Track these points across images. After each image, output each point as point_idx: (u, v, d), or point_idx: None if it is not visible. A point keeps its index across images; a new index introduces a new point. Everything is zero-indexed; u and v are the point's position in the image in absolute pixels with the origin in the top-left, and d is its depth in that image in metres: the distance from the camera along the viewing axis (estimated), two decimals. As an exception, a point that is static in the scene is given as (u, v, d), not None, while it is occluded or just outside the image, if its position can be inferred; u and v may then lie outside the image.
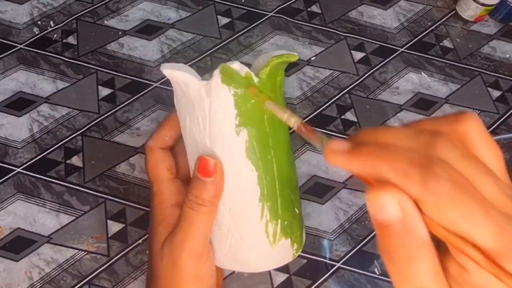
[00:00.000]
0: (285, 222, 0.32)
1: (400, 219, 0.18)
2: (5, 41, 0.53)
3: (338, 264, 0.45)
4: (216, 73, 0.28)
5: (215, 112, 0.29)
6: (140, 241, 0.45)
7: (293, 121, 0.25)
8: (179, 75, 0.29)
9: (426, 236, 0.18)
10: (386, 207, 0.18)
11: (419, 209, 0.18)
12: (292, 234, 0.33)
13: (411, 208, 0.18)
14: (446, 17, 0.59)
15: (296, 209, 0.33)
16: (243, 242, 0.31)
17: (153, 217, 0.33)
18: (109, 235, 0.45)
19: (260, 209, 0.30)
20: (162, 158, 0.34)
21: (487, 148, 0.20)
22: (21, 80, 0.51)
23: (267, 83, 0.29)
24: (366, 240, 0.46)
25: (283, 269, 0.44)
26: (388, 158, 0.19)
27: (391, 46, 0.57)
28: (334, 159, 0.20)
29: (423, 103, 0.53)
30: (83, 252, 0.44)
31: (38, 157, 0.48)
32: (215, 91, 0.28)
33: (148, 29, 0.55)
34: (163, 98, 0.52)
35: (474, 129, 0.20)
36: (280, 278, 0.44)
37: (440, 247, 0.19)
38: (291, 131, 0.31)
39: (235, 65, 0.28)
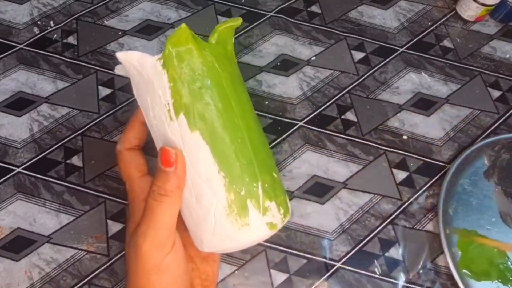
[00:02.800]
0: (266, 185, 0.32)
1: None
2: (5, 41, 0.53)
3: (338, 264, 0.45)
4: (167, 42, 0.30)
5: None
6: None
7: None
8: (133, 54, 0.30)
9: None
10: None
11: None
12: (275, 197, 0.32)
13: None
14: (446, 17, 0.59)
15: (274, 173, 0.33)
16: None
17: (129, 213, 0.35)
18: (109, 235, 0.45)
19: None
20: (130, 159, 0.36)
21: None
22: (21, 80, 0.51)
23: (219, 49, 0.31)
24: (366, 240, 0.46)
25: (283, 269, 0.44)
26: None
27: (391, 46, 0.57)
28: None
29: (423, 103, 0.53)
30: (83, 252, 0.44)
31: (38, 157, 0.48)
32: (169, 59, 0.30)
33: (148, 29, 0.55)
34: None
35: None
36: (280, 278, 0.44)
37: None
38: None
39: (182, 26, 0.30)
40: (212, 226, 0.31)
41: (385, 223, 0.47)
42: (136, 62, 0.30)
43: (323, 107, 0.52)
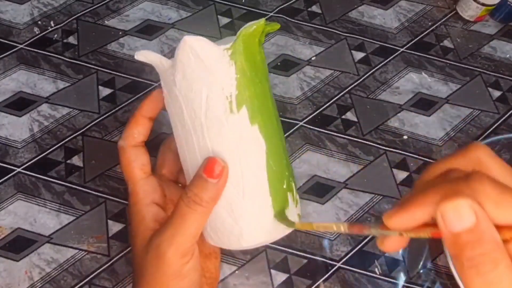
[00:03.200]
0: (291, 178, 0.34)
1: (475, 224, 0.19)
2: (5, 41, 0.53)
3: (338, 264, 0.45)
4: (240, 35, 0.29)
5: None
6: (140, 241, 0.45)
7: (342, 228, 0.27)
8: (201, 40, 0.29)
9: (500, 239, 0.19)
10: (462, 213, 0.19)
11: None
12: (296, 189, 0.34)
13: (484, 213, 0.19)
14: (446, 17, 0.59)
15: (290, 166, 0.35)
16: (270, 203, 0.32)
17: (132, 216, 0.34)
18: (110, 235, 0.45)
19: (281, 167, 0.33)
20: (134, 157, 0.34)
21: (500, 167, 0.23)
22: (22, 80, 0.51)
23: (247, 59, 0.30)
24: (366, 240, 0.46)
25: (283, 269, 0.44)
26: (429, 201, 0.21)
27: (391, 46, 0.57)
28: (395, 223, 0.22)
29: (424, 103, 0.53)
30: (83, 252, 0.44)
31: (39, 157, 0.48)
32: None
33: (149, 29, 0.55)
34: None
35: (485, 154, 0.23)
36: (280, 278, 0.44)
37: None
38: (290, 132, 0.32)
39: (261, 21, 0.30)
40: (257, 219, 0.31)
41: (385, 223, 0.47)
42: (200, 49, 0.29)
43: (324, 107, 0.52)
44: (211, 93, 0.29)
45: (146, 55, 0.31)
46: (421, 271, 0.45)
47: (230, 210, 0.31)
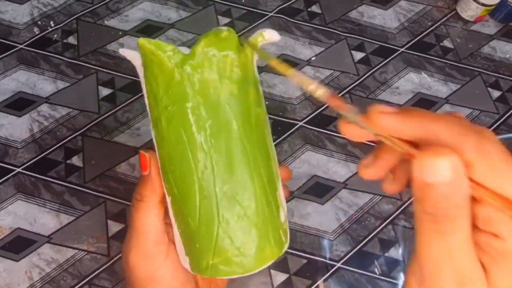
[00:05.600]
0: None
1: (450, 180, 0.18)
2: (5, 41, 0.53)
3: (338, 264, 0.45)
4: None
5: None
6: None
7: (320, 93, 0.23)
8: (132, 52, 0.28)
9: (468, 201, 0.19)
10: (439, 169, 0.18)
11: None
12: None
13: (463, 171, 0.18)
14: (446, 17, 0.59)
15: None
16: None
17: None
18: (110, 235, 0.45)
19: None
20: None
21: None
22: (21, 80, 0.51)
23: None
24: (366, 240, 0.46)
25: (283, 269, 0.44)
26: (444, 121, 0.19)
27: (391, 46, 0.57)
28: (383, 120, 0.21)
29: (424, 103, 0.53)
30: (83, 252, 0.44)
31: (38, 157, 0.48)
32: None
33: (149, 29, 0.55)
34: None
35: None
36: (280, 278, 0.44)
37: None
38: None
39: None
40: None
41: (385, 223, 0.47)
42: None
43: (323, 107, 0.52)
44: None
45: (127, 53, 0.29)
46: (421, 271, 0.45)
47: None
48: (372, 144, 0.51)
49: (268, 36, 0.28)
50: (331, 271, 0.45)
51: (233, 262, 0.26)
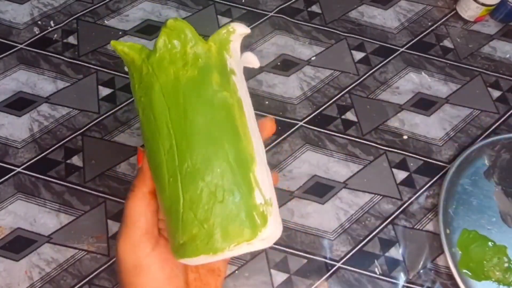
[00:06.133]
0: None
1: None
2: (5, 41, 0.53)
3: (338, 264, 0.45)
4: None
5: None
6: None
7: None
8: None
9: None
10: None
11: None
12: None
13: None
14: (446, 17, 0.59)
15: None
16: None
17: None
18: (110, 235, 0.45)
19: None
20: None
21: None
22: (22, 80, 0.51)
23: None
24: (366, 240, 0.46)
25: (283, 269, 0.44)
26: None
27: (391, 46, 0.57)
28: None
29: (424, 103, 0.53)
30: (83, 252, 0.44)
31: (38, 157, 0.48)
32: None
33: (149, 29, 0.55)
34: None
35: None
36: (280, 278, 0.44)
37: None
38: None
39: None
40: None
41: (385, 223, 0.47)
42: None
43: (323, 107, 0.52)
44: (245, 92, 0.31)
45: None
46: (421, 271, 0.45)
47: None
48: (372, 144, 0.51)
49: (234, 28, 0.31)
50: (331, 271, 0.45)
51: (200, 240, 0.26)
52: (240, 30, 0.31)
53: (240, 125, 0.28)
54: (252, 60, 0.33)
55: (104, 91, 0.51)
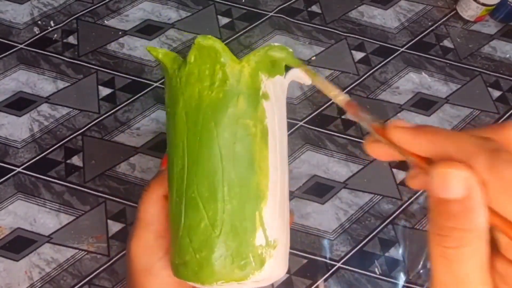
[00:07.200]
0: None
1: (462, 197, 0.17)
2: (5, 41, 0.53)
3: (338, 264, 0.45)
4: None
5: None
6: (140, 241, 0.45)
7: (341, 98, 0.24)
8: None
9: (483, 225, 0.17)
10: (451, 183, 0.17)
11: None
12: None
13: (477, 189, 0.17)
14: (446, 17, 0.59)
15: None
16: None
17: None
18: (110, 235, 0.45)
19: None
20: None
21: None
22: (22, 80, 0.51)
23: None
24: (366, 240, 0.46)
25: (283, 269, 0.44)
26: (456, 139, 0.18)
27: (391, 46, 0.57)
28: (398, 134, 0.20)
29: (424, 103, 0.53)
30: (83, 252, 0.44)
31: (38, 157, 0.48)
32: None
33: (149, 29, 0.55)
34: (163, 98, 0.52)
35: None
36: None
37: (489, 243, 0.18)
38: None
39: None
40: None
41: (385, 223, 0.47)
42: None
43: (323, 107, 0.52)
44: (280, 123, 0.30)
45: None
46: (421, 271, 0.45)
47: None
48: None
49: (272, 46, 0.28)
50: (331, 271, 0.45)
51: (191, 268, 0.26)
52: (277, 54, 0.28)
53: (258, 158, 0.27)
54: (302, 76, 0.30)
55: (104, 91, 0.51)
